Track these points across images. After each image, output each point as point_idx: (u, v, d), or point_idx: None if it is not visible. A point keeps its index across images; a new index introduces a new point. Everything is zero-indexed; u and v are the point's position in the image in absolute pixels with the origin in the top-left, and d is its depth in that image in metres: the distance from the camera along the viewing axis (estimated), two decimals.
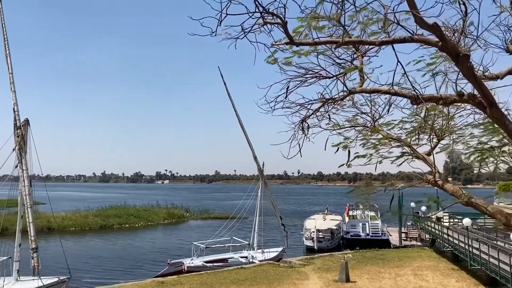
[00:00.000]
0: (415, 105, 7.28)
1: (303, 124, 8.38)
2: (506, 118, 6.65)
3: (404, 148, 9.26)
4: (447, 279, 19.18)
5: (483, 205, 8.06)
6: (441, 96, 7.01)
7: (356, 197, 9.16)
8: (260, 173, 30.48)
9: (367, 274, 20.66)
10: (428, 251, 27.63)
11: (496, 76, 7.77)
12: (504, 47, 8.00)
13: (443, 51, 6.28)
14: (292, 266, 23.61)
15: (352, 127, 9.66)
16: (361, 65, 7.65)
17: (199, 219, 63.62)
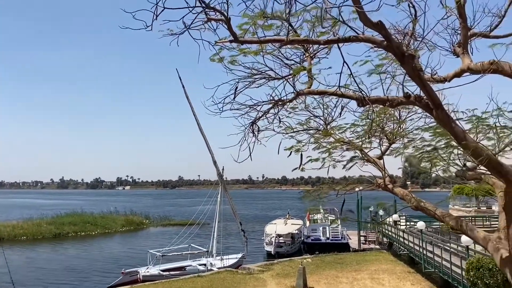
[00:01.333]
0: (361, 106, 7.06)
1: (253, 127, 8.06)
2: (452, 120, 6.51)
3: (356, 152, 9.10)
4: (402, 282, 19.33)
5: (431, 209, 7.94)
6: (388, 98, 6.82)
7: (308, 202, 8.86)
8: (220, 178, 29.98)
9: (325, 279, 20.55)
10: (386, 254, 27.94)
11: (444, 79, 7.70)
12: (451, 50, 7.98)
13: (388, 51, 6.07)
14: (250, 273, 23.22)
15: (305, 131, 9.41)
16: (309, 66, 7.40)
17: (159, 226, 62.13)
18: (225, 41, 6.37)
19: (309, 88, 7.43)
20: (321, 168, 8.96)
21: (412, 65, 5.95)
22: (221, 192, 29.82)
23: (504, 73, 6.53)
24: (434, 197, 7.01)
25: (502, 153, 8.20)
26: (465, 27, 7.45)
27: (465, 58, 7.37)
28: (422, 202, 8.18)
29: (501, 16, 7.50)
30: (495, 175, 6.70)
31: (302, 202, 8.69)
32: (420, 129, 8.85)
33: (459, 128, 6.45)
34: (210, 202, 30.26)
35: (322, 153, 9.03)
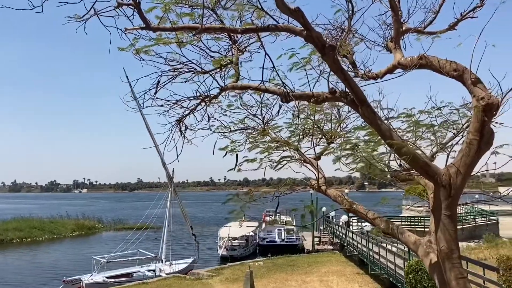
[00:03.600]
0: (285, 102, 6.57)
1: (180, 125, 7.42)
2: (378, 117, 6.10)
3: (294, 152, 8.63)
4: (351, 284, 19.18)
5: (363, 212, 7.56)
6: (313, 94, 6.35)
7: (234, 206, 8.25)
8: (169, 180, 28.99)
9: (273, 283, 20.12)
10: (338, 256, 27.91)
11: (376, 75, 7.33)
12: (384, 45, 7.64)
13: (309, 41, 5.56)
14: (199, 278, 22.48)
15: (241, 130, 8.86)
16: (236, 59, 6.83)
17: (112, 230, 59.91)
18: (135, 28, 5.71)
19: (235, 83, 6.89)
20: (257, 169, 8.47)
21: (333, 57, 5.49)
22: (171, 195, 28.87)
23: (433, 68, 6.20)
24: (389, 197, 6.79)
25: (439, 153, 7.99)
26: (397, 20, 7.10)
27: (397, 53, 7.03)
28: (355, 204, 7.80)
29: (435, 12, 7.22)
30: (423, 175, 6.36)
31: None
32: (360, 128, 8.45)
33: (385, 126, 6.05)
34: (159, 205, 29.22)
35: (260, 153, 8.53)
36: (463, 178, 5.78)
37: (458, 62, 5.88)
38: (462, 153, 5.87)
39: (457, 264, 5.81)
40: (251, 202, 8.06)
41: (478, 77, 5.69)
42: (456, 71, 5.85)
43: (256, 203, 8.10)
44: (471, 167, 5.84)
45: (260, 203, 8.07)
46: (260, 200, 8.03)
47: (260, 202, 8.04)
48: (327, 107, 8.57)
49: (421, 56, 6.31)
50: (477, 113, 5.62)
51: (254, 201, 8.04)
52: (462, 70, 5.81)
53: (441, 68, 5.99)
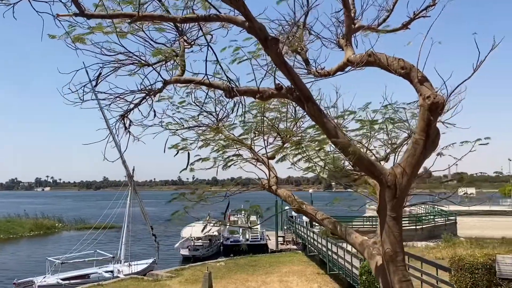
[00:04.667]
0: (229, 98, 6.27)
1: (124, 120, 6.99)
2: (324, 115, 5.89)
3: (248, 151, 8.35)
4: (310, 284, 19.12)
5: (312, 212, 7.39)
6: (259, 89, 6.07)
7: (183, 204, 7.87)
8: (129, 178, 28.20)
9: (233, 283, 19.81)
10: (300, 255, 27.90)
11: (328, 73, 7.14)
12: (336, 42, 7.45)
13: (251, 33, 5.27)
14: (157, 280, 21.91)
15: (194, 127, 8.49)
16: (182, 51, 6.48)
17: (73, 229, 58.03)
18: (69, 15, 5.27)
19: (180, 76, 6.54)
20: (211, 168, 8.15)
21: (276, 50, 5.23)
22: (131, 194, 28.09)
23: (381, 65, 6.03)
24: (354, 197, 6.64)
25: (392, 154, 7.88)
26: (349, 17, 6.92)
27: (348, 50, 6.84)
28: (304, 204, 7.60)
29: (389, 10, 7.08)
30: (369, 175, 6.20)
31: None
32: (313, 127, 8.23)
33: (330, 124, 5.84)
34: (118, 204, 28.36)
35: (215, 152, 8.22)
36: (409, 178, 5.64)
37: (406, 60, 5.77)
38: (408, 153, 5.74)
39: (401, 267, 5.67)
40: (199, 202, 7.74)
41: (425, 76, 5.56)
42: (404, 69, 5.71)
43: (206, 203, 7.79)
44: (417, 168, 5.71)
45: (211, 203, 7.77)
46: (211, 200, 7.73)
47: (211, 202, 7.74)
48: (283, 105, 8.35)
49: (369, 53, 6.14)
50: (423, 112, 5.49)
51: (202, 201, 7.73)
52: (410, 68, 5.67)
53: (389, 66, 5.84)
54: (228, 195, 7.72)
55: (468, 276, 10.94)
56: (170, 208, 7.54)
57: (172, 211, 7.53)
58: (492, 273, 10.73)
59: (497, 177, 59.05)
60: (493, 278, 10.68)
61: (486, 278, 10.71)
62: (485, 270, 10.79)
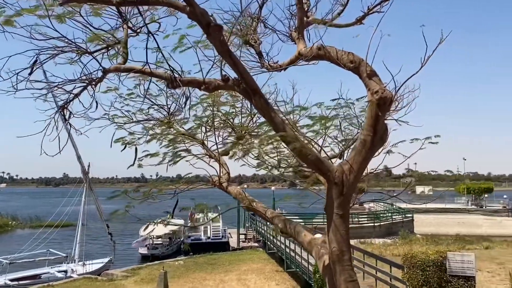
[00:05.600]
0: (172, 88, 5.94)
1: (64, 112, 6.51)
2: (271, 109, 5.65)
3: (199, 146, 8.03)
4: (268, 282, 19.00)
5: (262, 210, 7.16)
6: (204, 80, 5.77)
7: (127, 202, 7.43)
8: (84, 175, 27.20)
9: (190, 282, 19.43)
10: (261, 253, 27.78)
11: (280, 66, 6.91)
12: (288, 34, 7.24)
13: (192, 19, 4.93)
14: (112, 279, 21.21)
15: (143, 121, 8.09)
16: (125, 39, 6.08)
17: (28, 227, 55.69)
18: None
19: (122, 64, 6.14)
20: (160, 164, 7.76)
21: (219, 38, 4.94)
22: (86, 191, 27.09)
23: (331, 59, 5.85)
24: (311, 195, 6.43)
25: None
26: (301, 9, 6.71)
27: (300, 43, 6.62)
28: (254, 202, 7.38)
29: (343, 5, 6.91)
30: (316, 172, 6.02)
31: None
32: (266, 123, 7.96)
33: (278, 118, 5.61)
34: (72, 202, 27.28)
35: (165, 147, 7.84)
36: (356, 175, 5.49)
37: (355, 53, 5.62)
38: (356, 150, 5.59)
39: (348, 266, 5.51)
40: (145, 200, 7.38)
41: (373, 70, 5.42)
42: (353, 63, 5.55)
43: (153, 201, 7.44)
44: (364, 165, 5.57)
45: (159, 201, 7.42)
46: (159, 198, 7.38)
47: (159, 199, 7.39)
48: (236, 100, 8.08)
49: (319, 47, 5.96)
50: (371, 107, 5.35)
51: (150, 199, 7.37)
52: (359, 62, 5.51)
53: (338, 60, 5.67)
54: (177, 192, 7.40)
55: (419, 273, 11.07)
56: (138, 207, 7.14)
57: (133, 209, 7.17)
58: (443, 270, 10.90)
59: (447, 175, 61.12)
60: (444, 275, 10.85)
61: (437, 275, 10.86)
62: (436, 267, 10.95)
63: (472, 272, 10.79)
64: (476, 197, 57.91)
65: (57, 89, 6.16)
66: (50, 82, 6.14)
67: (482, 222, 48.88)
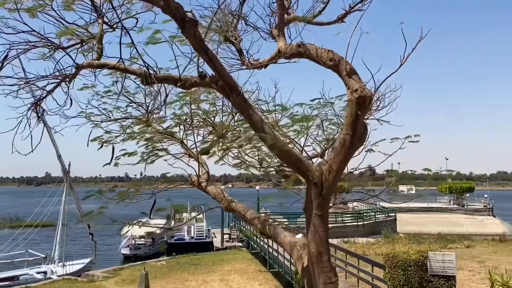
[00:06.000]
0: (146, 85, 5.77)
1: (37, 109, 6.29)
2: (250, 107, 5.52)
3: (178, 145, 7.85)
4: (251, 282, 18.88)
5: (242, 211, 7.01)
6: (180, 77, 5.61)
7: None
8: (65, 174, 26.67)
9: (172, 283, 19.19)
10: (244, 252, 27.66)
11: (261, 64, 6.78)
12: (269, 32, 7.11)
13: (167, 13, 4.78)
14: (92, 280, 20.85)
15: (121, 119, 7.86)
16: (100, 34, 5.88)
17: (7, 227, 54.58)
18: None
19: (95, 60, 5.95)
20: (138, 163, 7.56)
21: (194, 33, 4.78)
22: (66, 191, 26.56)
23: (311, 57, 5.74)
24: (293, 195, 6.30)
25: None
26: (281, 6, 6.58)
27: (280, 40, 6.50)
28: (234, 202, 7.22)
29: (325, 2, 6.81)
30: (296, 172, 5.91)
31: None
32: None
33: (257, 117, 5.47)
34: (52, 202, 26.73)
35: (143, 146, 7.64)
36: (335, 175, 5.39)
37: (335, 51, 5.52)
38: (335, 150, 5.50)
39: (327, 268, 5.41)
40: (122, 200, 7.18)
41: (353, 68, 5.32)
42: (332, 60, 5.44)
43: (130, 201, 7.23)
44: (344, 164, 5.47)
45: (136, 201, 7.21)
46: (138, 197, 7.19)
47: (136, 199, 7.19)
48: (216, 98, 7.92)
49: (299, 44, 5.85)
50: (351, 106, 5.26)
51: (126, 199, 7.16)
52: (339, 60, 5.41)
53: (318, 57, 5.56)
54: (154, 192, 7.22)
55: (401, 273, 11.07)
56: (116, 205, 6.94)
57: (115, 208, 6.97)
58: (424, 270, 10.92)
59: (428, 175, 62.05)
60: (425, 275, 10.87)
61: (418, 275, 10.88)
62: (417, 267, 10.96)
63: (452, 271, 10.83)
64: (458, 197, 58.67)
65: (29, 85, 5.95)
66: (24, 78, 5.92)
67: (464, 221, 49.57)
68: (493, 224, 48.90)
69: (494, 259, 21.17)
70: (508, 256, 22.18)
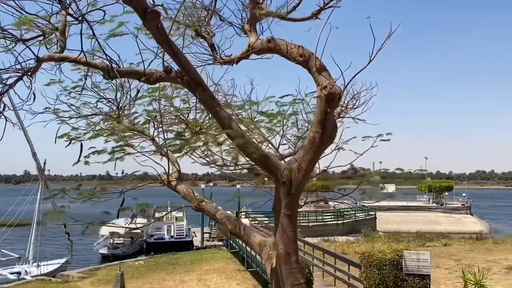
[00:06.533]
0: (109, 79, 5.53)
1: None
2: (217, 103, 5.35)
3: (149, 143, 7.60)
4: (229, 282, 18.70)
5: (212, 211, 6.83)
6: (144, 71, 5.39)
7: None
8: (40, 172, 26.02)
9: (149, 283, 18.87)
10: (224, 252, 27.46)
11: (231, 60, 6.60)
12: (241, 27, 6.94)
13: (127, 4, 4.56)
14: (67, 281, 20.38)
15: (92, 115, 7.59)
16: (63, 26, 5.62)
17: None
18: None
19: (58, 53, 5.70)
20: (108, 162, 7.29)
21: (157, 25, 4.58)
22: (41, 189, 25.92)
23: (281, 53, 5.59)
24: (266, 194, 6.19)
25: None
26: (253, 0, 6.44)
27: (252, 36, 6.33)
28: (204, 202, 7.03)
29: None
30: (264, 170, 5.76)
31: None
32: None
33: (224, 113, 5.30)
34: (26, 200, 26.04)
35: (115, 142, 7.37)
36: (304, 174, 5.27)
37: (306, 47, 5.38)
38: (305, 148, 5.37)
39: (295, 269, 5.28)
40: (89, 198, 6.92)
41: (323, 64, 5.18)
42: (302, 56, 5.30)
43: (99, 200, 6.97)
44: (313, 163, 5.35)
45: (104, 200, 6.95)
46: (105, 197, 6.92)
47: (104, 198, 6.92)
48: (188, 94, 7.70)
49: (269, 39, 5.69)
50: (320, 103, 5.13)
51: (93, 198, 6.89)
52: (309, 55, 5.27)
53: (288, 53, 5.42)
54: (123, 191, 6.97)
55: (376, 272, 11.04)
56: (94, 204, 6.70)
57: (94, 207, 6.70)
58: (399, 269, 10.91)
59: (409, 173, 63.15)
60: (400, 274, 10.86)
61: (393, 274, 10.86)
62: (392, 266, 10.94)
63: (427, 270, 10.85)
64: (437, 195, 59.52)
65: None
66: None
67: (442, 220, 50.32)
68: (470, 222, 49.75)
69: (471, 257, 21.42)
70: (484, 254, 22.48)
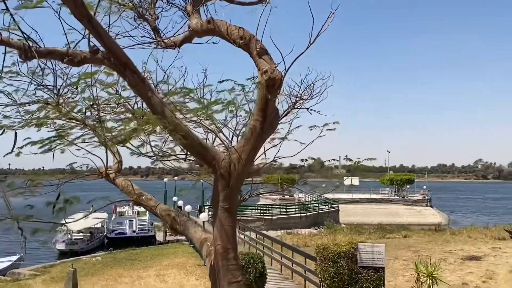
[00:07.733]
0: (25, 60, 5.00)
1: None
2: (149, 88, 4.92)
3: None
4: (187, 277, 18.29)
5: (152, 205, 6.41)
6: (67, 52, 4.90)
7: None
8: None
9: (104, 280, 18.20)
10: (186, 246, 26.94)
11: (174, 43, 6.15)
12: (183, 8, 6.51)
13: None
14: (18, 279, 19.43)
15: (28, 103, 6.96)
16: None
17: None
18: None
19: None
20: (43, 153, 6.68)
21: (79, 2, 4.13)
22: None
23: (221, 35, 5.20)
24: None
25: None
26: None
27: (193, 18, 5.91)
28: (144, 196, 6.61)
29: None
30: (201, 161, 5.39)
31: None
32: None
33: (156, 99, 4.89)
34: None
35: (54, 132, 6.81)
36: (244, 165, 4.93)
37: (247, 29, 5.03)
38: (245, 138, 5.04)
39: (232, 266, 4.96)
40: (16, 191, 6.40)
41: (264, 48, 4.85)
42: (243, 39, 4.95)
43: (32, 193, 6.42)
44: (254, 153, 5.01)
45: (38, 194, 6.42)
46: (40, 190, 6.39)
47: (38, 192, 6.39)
48: None
49: (208, 20, 5.31)
50: (261, 89, 4.80)
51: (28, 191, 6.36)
52: (249, 38, 4.93)
53: (228, 35, 5.04)
54: (60, 184, 6.46)
55: (331, 265, 10.91)
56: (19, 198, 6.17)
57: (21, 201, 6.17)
58: (354, 262, 10.83)
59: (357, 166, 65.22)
60: (354, 267, 10.78)
61: (348, 267, 10.76)
62: (347, 259, 10.84)
63: (382, 263, 10.81)
64: (399, 188, 60.89)
65: None
66: None
67: (403, 212, 51.50)
68: (430, 214, 51.16)
69: (429, 248, 21.83)
70: (441, 245, 22.98)
